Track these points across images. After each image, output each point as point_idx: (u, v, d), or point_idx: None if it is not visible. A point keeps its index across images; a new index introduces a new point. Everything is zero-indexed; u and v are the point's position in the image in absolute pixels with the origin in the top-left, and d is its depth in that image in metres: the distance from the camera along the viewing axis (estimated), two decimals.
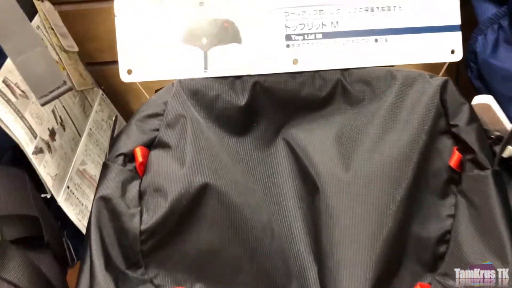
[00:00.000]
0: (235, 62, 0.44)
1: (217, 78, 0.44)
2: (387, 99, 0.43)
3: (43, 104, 0.33)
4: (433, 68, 0.47)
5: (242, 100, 0.44)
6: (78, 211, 0.51)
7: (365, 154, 0.41)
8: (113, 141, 0.40)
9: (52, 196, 0.47)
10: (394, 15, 0.45)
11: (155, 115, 0.41)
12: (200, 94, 0.43)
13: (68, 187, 0.51)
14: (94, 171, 0.58)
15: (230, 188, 0.39)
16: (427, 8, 0.45)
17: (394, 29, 0.45)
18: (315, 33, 0.45)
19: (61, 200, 0.48)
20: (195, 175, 0.38)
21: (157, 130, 0.41)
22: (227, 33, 0.44)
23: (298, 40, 0.45)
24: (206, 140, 0.40)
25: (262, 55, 0.44)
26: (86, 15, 0.71)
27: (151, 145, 0.41)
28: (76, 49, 0.62)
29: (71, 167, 0.54)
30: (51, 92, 0.34)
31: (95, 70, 0.74)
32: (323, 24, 0.45)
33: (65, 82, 0.34)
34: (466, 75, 0.58)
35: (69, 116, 0.56)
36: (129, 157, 0.40)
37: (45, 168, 0.48)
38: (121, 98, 0.76)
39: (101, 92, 0.66)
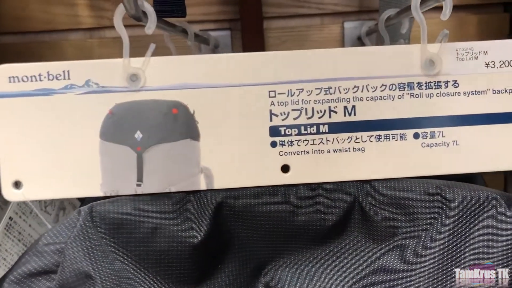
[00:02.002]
0: (187, 170, 0.27)
1: (157, 198, 0.27)
2: (436, 240, 0.26)
3: None
4: None
5: (197, 234, 0.27)
6: None
7: None
8: None
9: None
10: (445, 96, 0.28)
11: (43, 273, 0.24)
12: (128, 227, 0.26)
13: None
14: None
15: None
16: (498, 84, 0.28)
17: (445, 117, 0.28)
18: (317, 124, 0.28)
19: None
20: None
21: None
22: (176, 125, 0.27)
23: (291, 135, 0.28)
24: None
25: (232, 158, 0.27)
26: (27, 49, 0.61)
27: None
28: None
29: None
30: None
31: None
32: (331, 110, 0.28)
33: None
34: None
35: None
36: None
37: None
38: None
39: None
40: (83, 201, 0.32)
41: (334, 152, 0.28)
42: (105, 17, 0.58)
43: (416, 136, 0.28)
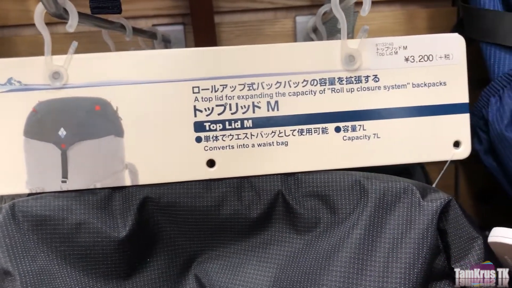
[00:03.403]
0: (112, 167, 0.28)
1: (82, 194, 0.27)
2: (354, 230, 0.27)
3: None
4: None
5: (122, 229, 0.27)
6: None
7: None
8: None
9: None
10: (366, 91, 0.29)
11: None
12: (51, 223, 0.26)
13: None
14: None
15: None
16: (416, 78, 0.29)
17: (365, 111, 0.29)
18: (241, 120, 0.28)
19: None
20: None
21: None
22: (100, 121, 0.27)
23: (215, 130, 0.28)
24: None
25: (156, 154, 0.28)
26: None
27: None
28: None
29: None
30: None
31: None
32: (254, 106, 0.28)
33: None
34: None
35: None
36: None
37: None
38: None
39: None
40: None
41: (258, 146, 0.28)
42: None
43: (337, 129, 0.29)
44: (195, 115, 0.28)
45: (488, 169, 0.43)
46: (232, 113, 0.28)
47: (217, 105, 0.28)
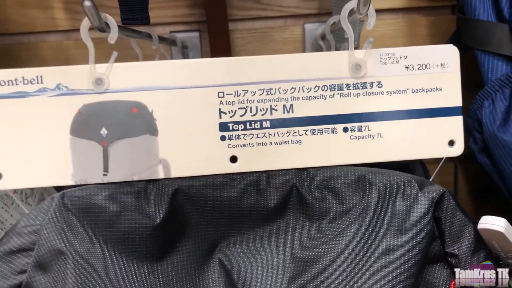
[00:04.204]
0: (147, 162, 0.31)
1: (121, 185, 0.31)
2: (360, 218, 0.31)
3: None
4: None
5: (156, 216, 0.31)
6: None
7: None
8: None
9: None
10: (370, 95, 0.32)
11: (22, 251, 0.28)
12: (95, 210, 0.30)
13: None
14: None
15: None
16: (415, 84, 0.33)
17: (370, 114, 0.32)
18: (260, 121, 0.32)
19: None
20: None
21: (24, 272, 0.28)
22: (137, 122, 0.31)
23: (238, 130, 0.32)
24: (98, 284, 0.28)
25: (187, 151, 0.32)
26: (5, 51, 0.62)
27: None
28: None
29: None
30: None
31: None
32: (272, 108, 0.32)
33: None
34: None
35: None
36: None
37: None
38: None
39: None
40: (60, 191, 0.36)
41: (275, 144, 0.32)
42: (80, 20, 0.61)
43: (345, 130, 0.32)
44: (220, 117, 0.32)
45: (483, 167, 0.46)
46: (252, 115, 0.32)
47: (239, 108, 0.32)
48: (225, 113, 0.32)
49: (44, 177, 0.31)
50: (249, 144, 0.32)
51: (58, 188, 0.38)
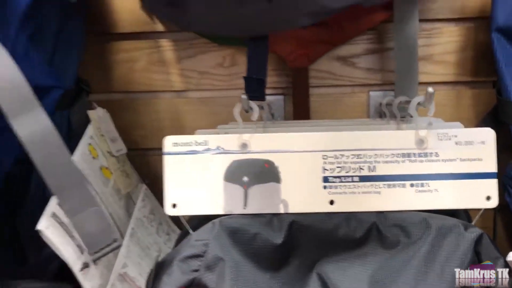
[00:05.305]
0: (273, 201, 0.46)
1: (256, 216, 0.46)
2: (421, 249, 0.44)
3: (94, 260, 0.36)
4: None
5: (279, 239, 0.45)
6: None
7: None
8: (154, 279, 0.43)
9: None
10: (430, 162, 0.46)
11: (196, 256, 0.43)
12: (240, 233, 0.45)
13: None
14: (135, 272, 0.60)
15: None
16: (463, 155, 0.46)
17: (429, 175, 0.46)
18: (352, 176, 0.46)
19: None
20: None
21: (197, 271, 0.43)
22: (267, 173, 0.46)
23: (335, 182, 0.46)
24: (243, 284, 0.42)
25: (300, 195, 0.46)
26: (131, 104, 0.77)
27: (191, 285, 0.43)
28: (125, 151, 0.66)
29: (112, 273, 0.56)
30: (102, 249, 0.36)
31: (138, 155, 0.78)
32: (360, 168, 0.46)
33: (115, 240, 0.37)
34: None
35: (114, 221, 0.59)
36: None
37: (89, 282, 0.51)
38: (160, 184, 0.80)
39: (144, 187, 0.70)
40: (192, 218, 0.51)
41: (362, 193, 0.46)
42: (190, 83, 0.78)
43: (411, 185, 0.46)
44: (323, 172, 0.46)
45: None
46: (346, 172, 0.46)
47: (337, 167, 0.46)
48: (327, 170, 0.46)
49: (204, 207, 0.46)
50: (343, 192, 0.46)
51: (193, 216, 0.53)
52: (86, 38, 0.68)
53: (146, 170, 0.77)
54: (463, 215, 0.57)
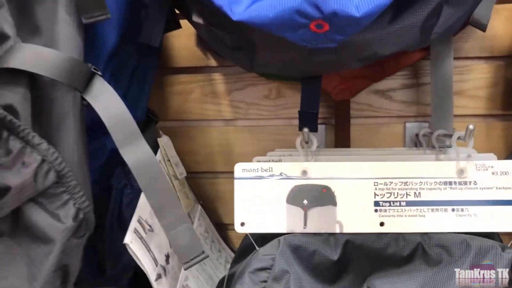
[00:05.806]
0: (330, 222, 0.52)
1: (314, 235, 0.52)
2: (463, 267, 0.50)
3: (186, 268, 0.43)
4: None
5: (335, 255, 0.52)
6: None
7: None
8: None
9: None
10: (469, 189, 0.52)
11: (264, 269, 0.50)
12: (301, 249, 0.51)
13: None
14: (194, 285, 0.67)
15: None
16: (498, 184, 0.52)
17: (469, 201, 0.52)
18: (400, 201, 0.52)
19: None
20: None
21: (265, 281, 0.50)
22: (325, 197, 0.53)
23: (385, 206, 0.53)
24: None
25: (354, 217, 0.52)
26: (185, 132, 0.84)
27: None
28: (185, 174, 0.73)
29: (178, 284, 0.63)
30: (192, 259, 0.43)
31: (191, 179, 0.85)
32: (407, 194, 0.52)
33: (203, 252, 0.44)
34: None
35: None
36: None
37: None
38: (210, 205, 0.87)
39: (200, 207, 0.77)
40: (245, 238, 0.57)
41: (408, 216, 0.52)
42: (238, 112, 0.85)
43: (453, 210, 0.52)
44: (374, 197, 0.53)
45: None
46: (394, 197, 0.53)
47: (386, 192, 0.53)
48: (378, 195, 0.53)
49: (269, 226, 0.53)
50: (392, 215, 0.53)
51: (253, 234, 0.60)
52: None
53: (198, 192, 0.85)
54: (497, 237, 0.62)
